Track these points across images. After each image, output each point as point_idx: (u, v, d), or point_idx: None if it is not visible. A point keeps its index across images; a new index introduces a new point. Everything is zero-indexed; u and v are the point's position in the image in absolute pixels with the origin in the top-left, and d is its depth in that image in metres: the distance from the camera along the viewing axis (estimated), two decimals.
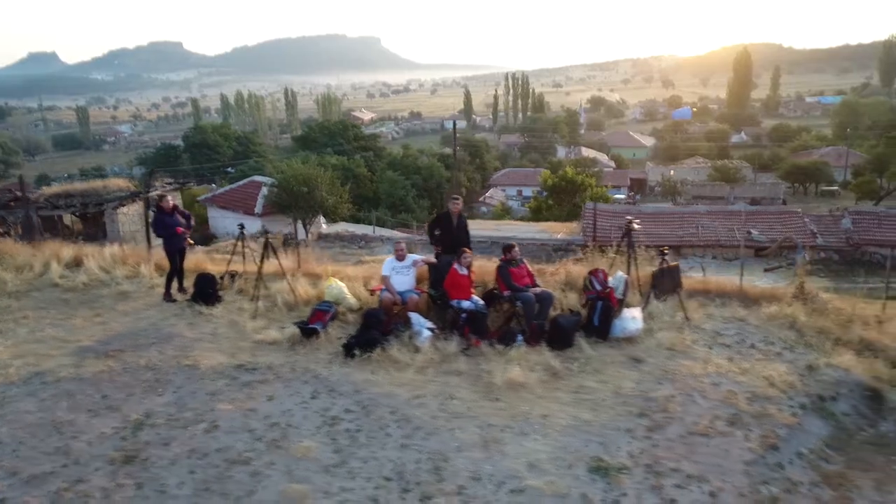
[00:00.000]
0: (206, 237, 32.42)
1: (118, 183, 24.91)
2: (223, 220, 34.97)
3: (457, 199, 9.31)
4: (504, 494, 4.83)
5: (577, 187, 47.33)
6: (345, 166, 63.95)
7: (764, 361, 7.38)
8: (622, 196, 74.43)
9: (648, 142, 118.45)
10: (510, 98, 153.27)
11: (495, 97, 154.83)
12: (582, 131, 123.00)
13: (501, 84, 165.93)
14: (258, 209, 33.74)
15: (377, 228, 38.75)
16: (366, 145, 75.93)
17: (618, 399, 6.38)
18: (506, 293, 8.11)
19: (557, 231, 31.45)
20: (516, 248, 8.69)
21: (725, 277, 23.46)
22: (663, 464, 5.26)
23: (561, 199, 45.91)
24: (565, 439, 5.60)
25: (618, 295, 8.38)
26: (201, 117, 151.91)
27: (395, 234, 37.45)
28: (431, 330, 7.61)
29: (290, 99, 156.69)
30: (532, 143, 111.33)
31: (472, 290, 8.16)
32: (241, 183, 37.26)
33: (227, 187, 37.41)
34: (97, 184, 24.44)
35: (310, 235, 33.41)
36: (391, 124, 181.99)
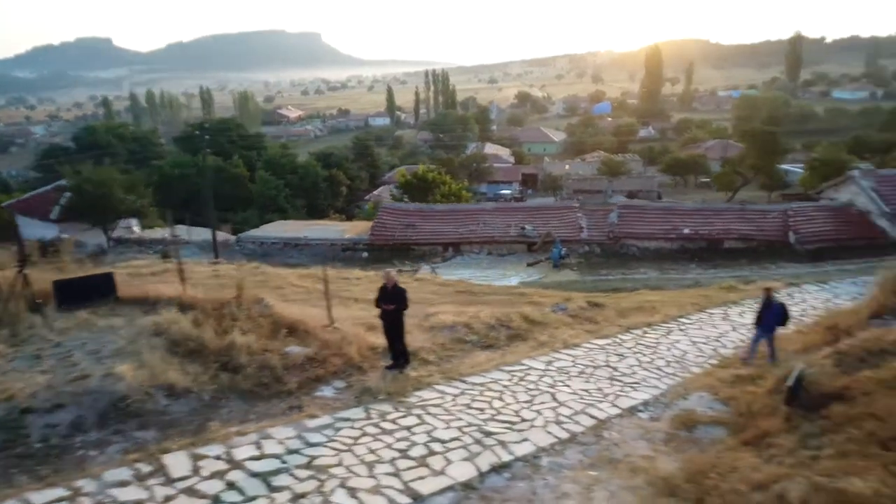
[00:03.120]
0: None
1: None
2: (26, 227, 33.78)
3: None
4: None
5: (429, 185, 47.69)
6: (219, 167, 62.93)
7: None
8: (508, 192, 75.39)
9: (560, 137, 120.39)
10: (431, 95, 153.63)
11: (416, 94, 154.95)
12: (494, 127, 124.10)
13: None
14: (54, 215, 32.65)
15: (200, 231, 37.90)
16: (251, 144, 74.86)
17: None
18: None
19: (348, 231, 31.50)
20: None
21: (452, 277, 23.75)
22: None
23: (415, 196, 46.15)
24: None
25: None
26: (113, 117, 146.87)
27: (228, 236, 36.81)
28: None
29: (206, 97, 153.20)
30: (443, 140, 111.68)
31: None
32: (45, 188, 35.97)
33: (30, 193, 36.09)
34: None
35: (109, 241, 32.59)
36: (317, 122, 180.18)
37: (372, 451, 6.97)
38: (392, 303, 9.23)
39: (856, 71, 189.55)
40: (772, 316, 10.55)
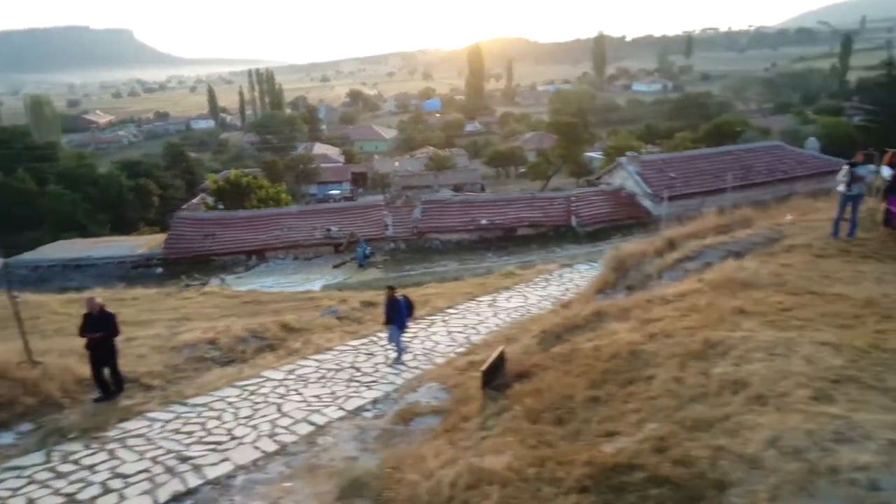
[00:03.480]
0: None
1: None
2: None
3: None
4: None
5: (244, 190, 45.53)
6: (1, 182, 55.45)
7: None
8: (337, 192, 74.63)
9: (392, 134, 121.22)
10: (256, 95, 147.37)
11: (241, 95, 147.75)
12: (324, 127, 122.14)
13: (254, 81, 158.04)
14: None
15: None
16: (43, 155, 66.61)
17: None
18: None
19: (143, 245, 29.10)
20: None
21: (252, 286, 22.72)
22: None
23: (229, 202, 43.81)
24: None
25: None
26: None
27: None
28: None
29: None
30: (271, 142, 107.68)
31: None
32: None
33: None
34: None
35: None
36: (131, 127, 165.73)
37: (31, 502, 6.25)
38: (99, 330, 8.42)
39: (650, 66, 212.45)
40: (399, 311, 10.76)
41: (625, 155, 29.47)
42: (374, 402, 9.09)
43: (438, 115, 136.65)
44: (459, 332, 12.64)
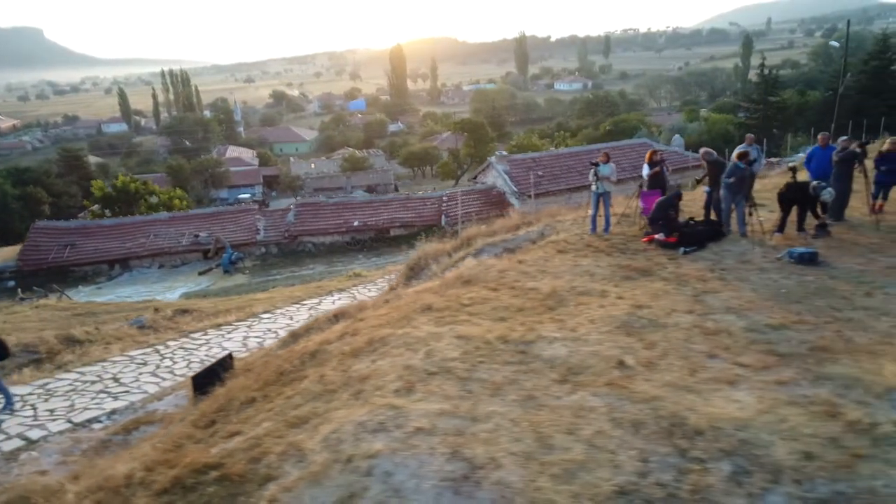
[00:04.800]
0: None
1: None
2: None
3: None
4: None
5: (132, 196, 43.96)
6: None
7: None
8: (247, 195, 73.06)
9: (313, 135, 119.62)
10: (171, 96, 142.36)
11: (154, 96, 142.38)
12: (241, 129, 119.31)
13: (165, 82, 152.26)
14: None
15: None
16: None
17: None
18: None
19: None
20: None
21: (106, 297, 22.01)
22: None
23: (117, 210, 42.16)
24: None
25: None
26: None
27: None
28: None
29: None
30: (185, 144, 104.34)
31: None
32: None
33: None
34: None
35: None
36: (37, 132, 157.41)
37: None
38: None
39: (573, 65, 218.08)
40: None
41: (494, 154, 30.17)
42: (112, 413, 8.95)
43: (360, 115, 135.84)
44: (256, 337, 12.60)
